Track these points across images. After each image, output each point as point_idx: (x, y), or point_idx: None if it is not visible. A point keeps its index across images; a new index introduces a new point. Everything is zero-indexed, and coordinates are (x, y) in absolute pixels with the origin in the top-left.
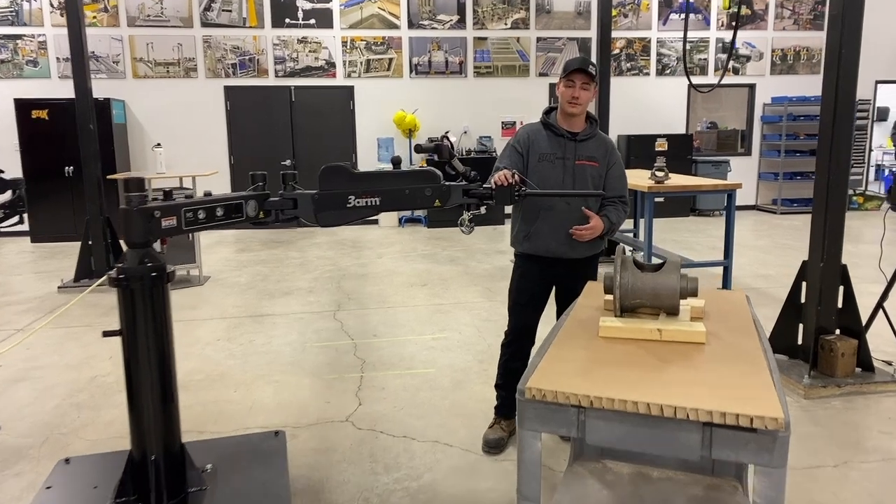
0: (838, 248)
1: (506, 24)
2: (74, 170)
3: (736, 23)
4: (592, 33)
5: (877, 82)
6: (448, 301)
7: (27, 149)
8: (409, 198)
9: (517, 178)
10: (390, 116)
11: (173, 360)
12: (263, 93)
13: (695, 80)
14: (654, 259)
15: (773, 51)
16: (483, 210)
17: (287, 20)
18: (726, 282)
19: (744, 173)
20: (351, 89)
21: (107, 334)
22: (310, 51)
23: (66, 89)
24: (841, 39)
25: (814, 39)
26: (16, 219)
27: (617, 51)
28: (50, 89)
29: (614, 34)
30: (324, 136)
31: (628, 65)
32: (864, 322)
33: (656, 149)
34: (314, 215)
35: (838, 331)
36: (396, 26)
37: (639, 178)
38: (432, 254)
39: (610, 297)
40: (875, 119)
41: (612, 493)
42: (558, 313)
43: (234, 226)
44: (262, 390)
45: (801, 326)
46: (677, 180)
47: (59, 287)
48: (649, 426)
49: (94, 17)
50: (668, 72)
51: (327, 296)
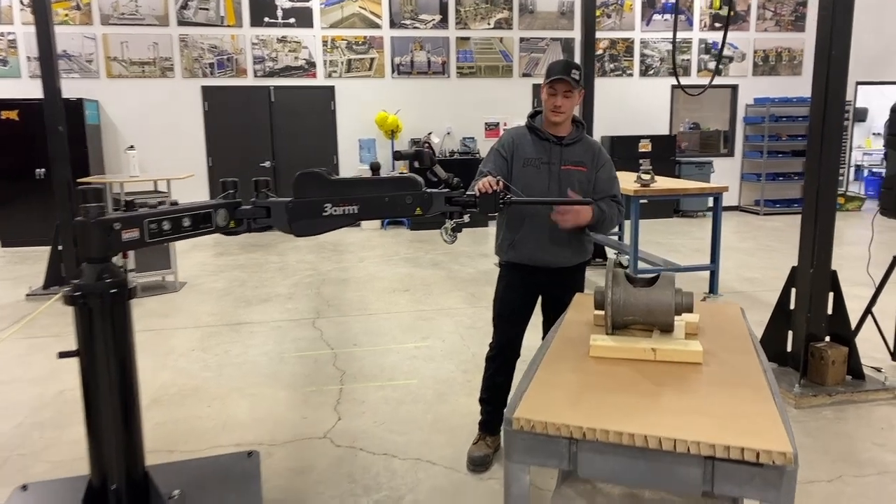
0: (828, 254)
1: (489, 24)
2: (46, 172)
3: (726, 24)
4: (576, 34)
5: (857, 83)
6: (431, 307)
7: None
8: (388, 206)
9: (501, 184)
10: (372, 117)
11: (136, 382)
12: (242, 93)
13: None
14: (639, 263)
15: (755, 52)
16: (467, 218)
17: (266, 19)
18: (713, 286)
19: (727, 174)
20: (332, 89)
21: (63, 355)
22: (289, 50)
23: (37, 89)
24: (830, 40)
25: (795, 41)
26: None
27: (600, 51)
28: (21, 89)
29: (598, 35)
30: (304, 138)
31: (612, 65)
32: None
33: (640, 150)
34: (288, 224)
35: (828, 337)
36: (378, 26)
37: (624, 181)
38: (415, 257)
39: (600, 312)
40: (854, 120)
41: None
42: (544, 324)
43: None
44: (237, 405)
45: (790, 333)
46: (663, 183)
47: (28, 294)
48: (647, 459)
49: (66, 16)
50: (651, 72)
51: (306, 302)
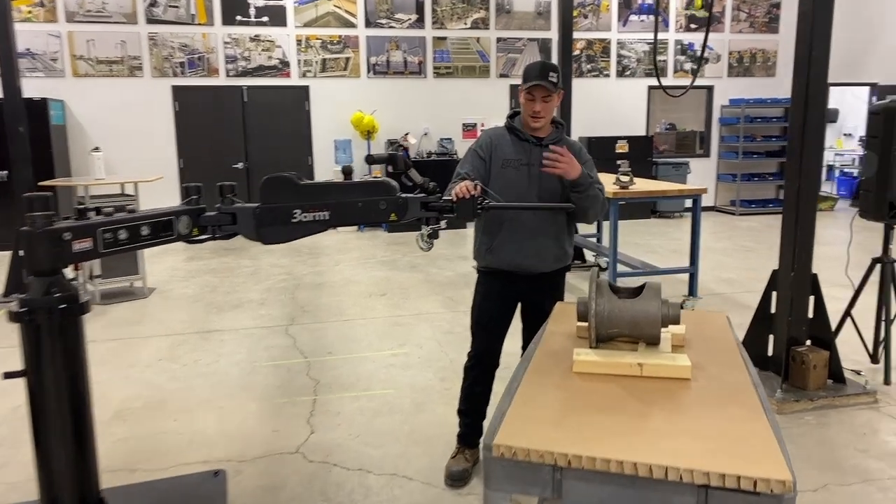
0: (808, 257)
1: (465, 23)
2: (9, 174)
3: (707, 25)
4: (553, 34)
5: (829, 85)
6: (408, 312)
7: None
8: (361, 211)
9: (479, 189)
10: (348, 117)
11: (89, 402)
12: (214, 93)
13: (654, 81)
14: (618, 266)
15: (730, 53)
16: (443, 224)
17: (238, 17)
18: (692, 289)
19: (703, 175)
20: (306, 89)
21: (8, 376)
22: (263, 49)
23: None
24: (811, 42)
25: (769, 42)
26: None
27: (577, 52)
28: None
29: (575, 35)
30: (278, 139)
31: (589, 66)
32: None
33: (617, 151)
34: (256, 231)
35: (809, 341)
36: (353, 25)
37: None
38: (392, 260)
39: (583, 323)
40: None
41: None
42: (524, 331)
43: (165, 245)
44: (205, 418)
45: (771, 337)
46: (642, 185)
47: None
48: (637, 488)
49: (30, 13)
50: (628, 73)
51: (280, 308)
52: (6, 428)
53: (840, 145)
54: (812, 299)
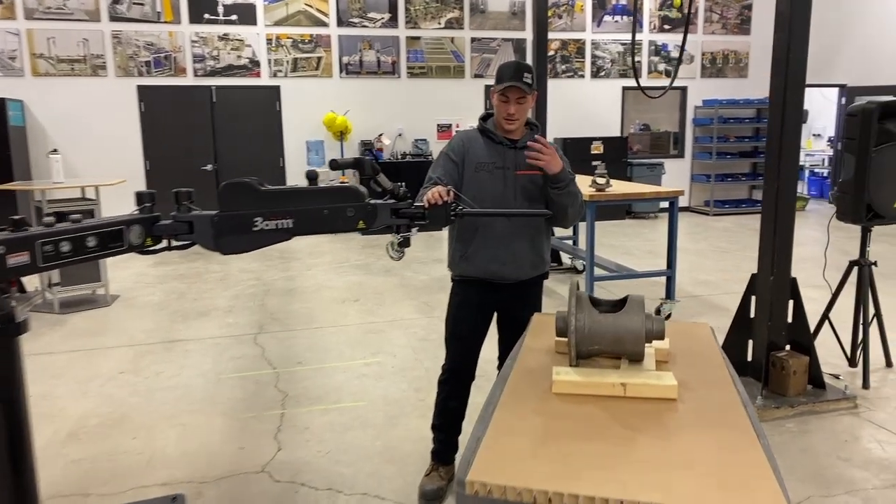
0: (788, 261)
1: (439, 23)
2: None
3: (686, 25)
4: (527, 34)
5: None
6: (382, 319)
7: None
8: (327, 219)
9: (452, 194)
10: (320, 118)
11: (27, 429)
12: (181, 93)
13: (629, 82)
14: (595, 269)
15: (703, 54)
16: (415, 232)
17: (206, 15)
18: (670, 292)
19: (677, 175)
20: (277, 89)
21: None
22: (232, 48)
23: None
24: (788, 42)
25: (741, 43)
26: None
27: (552, 52)
28: None
29: (549, 35)
30: (248, 140)
31: (563, 67)
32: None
33: (592, 152)
34: (213, 241)
35: (788, 346)
36: (325, 24)
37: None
38: (366, 264)
39: (562, 339)
40: None
41: None
42: (500, 343)
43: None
44: (167, 436)
45: (750, 342)
46: (618, 187)
47: None
48: None
49: None
50: (602, 74)
51: (248, 316)
52: None
53: (809, 146)
54: (791, 303)
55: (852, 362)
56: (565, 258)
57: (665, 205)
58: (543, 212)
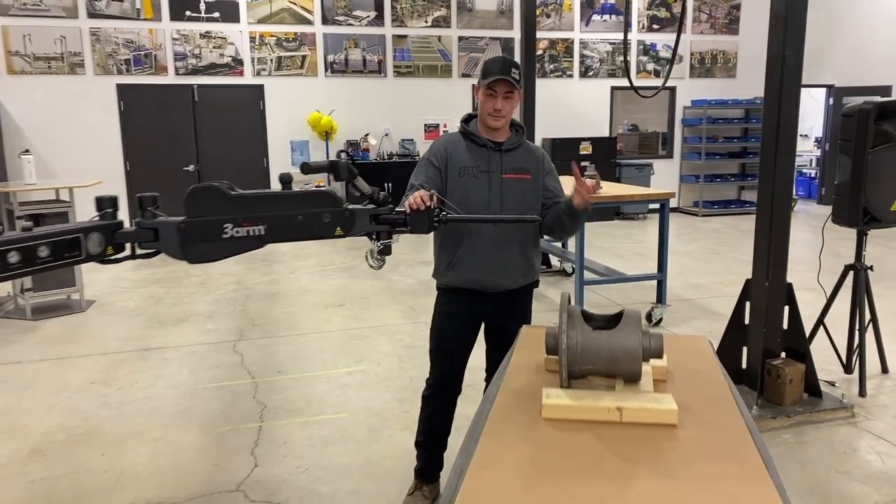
0: (783, 266)
1: (426, 21)
2: None
3: (680, 23)
4: (516, 33)
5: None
6: (367, 324)
7: None
8: (302, 226)
9: (435, 199)
10: (305, 117)
11: None
12: (162, 92)
13: (617, 82)
14: (585, 273)
15: (691, 54)
16: (396, 239)
17: (188, 13)
18: (661, 296)
19: (666, 176)
20: (261, 88)
21: None
22: (214, 46)
23: None
24: (784, 41)
25: (729, 43)
26: None
27: (540, 52)
28: None
29: (537, 35)
30: (232, 140)
31: (552, 66)
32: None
33: (581, 152)
34: (180, 249)
35: (784, 353)
36: (309, 21)
37: (568, 188)
38: (351, 267)
39: (552, 356)
40: None
41: None
42: (488, 356)
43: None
44: (137, 452)
45: (744, 349)
46: (609, 189)
47: None
48: None
49: None
50: (591, 74)
51: (228, 322)
52: None
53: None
54: (787, 309)
55: (848, 369)
56: (554, 261)
57: (654, 205)
58: (532, 217)
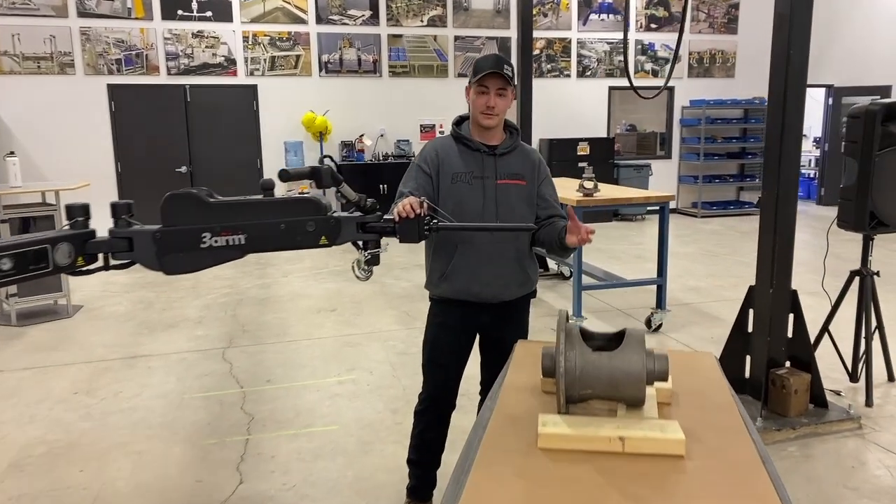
0: (788, 273)
1: (422, 21)
2: None
3: (682, 25)
4: (512, 32)
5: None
6: (359, 330)
7: None
8: (285, 234)
9: (426, 207)
10: (299, 118)
11: None
12: (154, 92)
13: (615, 82)
14: (584, 277)
15: (689, 54)
16: (385, 248)
17: (180, 12)
18: (661, 301)
19: (664, 177)
20: (254, 88)
21: None
22: (207, 46)
23: None
24: (789, 41)
25: (728, 42)
26: None
27: (537, 51)
28: None
29: (534, 34)
30: (225, 140)
31: (549, 66)
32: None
33: (579, 153)
34: (156, 259)
35: (788, 362)
36: (303, 21)
37: (566, 190)
38: (345, 270)
39: (550, 378)
40: None
41: None
42: (483, 369)
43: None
44: (118, 467)
45: (748, 358)
46: (607, 192)
47: None
48: None
49: None
50: (588, 73)
51: (218, 328)
52: None
53: None
54: (791, 317)
55: (853, 377)
56: (552, 264)
57: (653, 207)
58: (528, 226)
